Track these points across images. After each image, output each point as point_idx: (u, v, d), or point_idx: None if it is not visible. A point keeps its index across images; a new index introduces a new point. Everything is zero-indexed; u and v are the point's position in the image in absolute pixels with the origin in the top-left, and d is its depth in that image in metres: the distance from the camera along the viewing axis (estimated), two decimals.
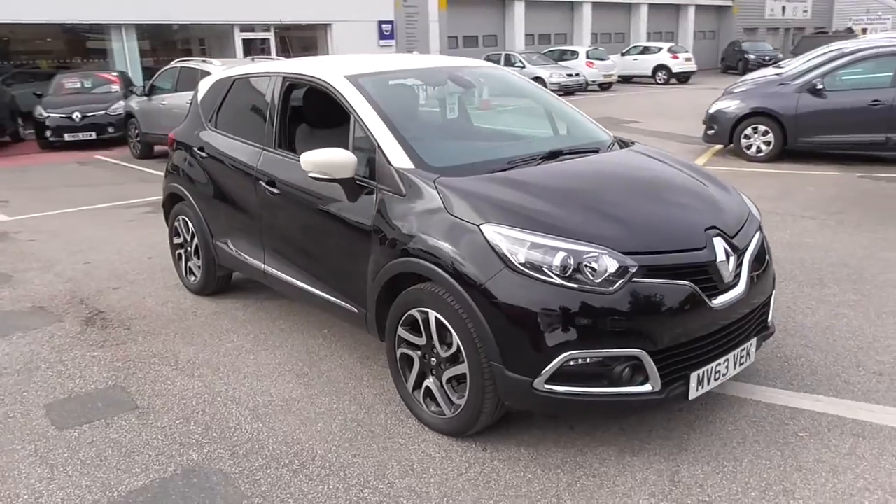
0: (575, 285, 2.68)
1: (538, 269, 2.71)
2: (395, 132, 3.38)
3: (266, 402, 3.52)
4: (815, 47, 15.24)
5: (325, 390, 3.62)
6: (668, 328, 2.75)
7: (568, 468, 2.87)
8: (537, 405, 2.86)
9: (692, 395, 2.84)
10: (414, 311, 3.13)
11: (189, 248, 5.07)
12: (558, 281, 2.68)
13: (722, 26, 39.59)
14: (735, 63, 30.99)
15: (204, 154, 4.71)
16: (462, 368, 2.96)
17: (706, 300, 2.82)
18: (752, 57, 29.72)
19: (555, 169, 3.39)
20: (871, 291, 4.73)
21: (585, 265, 2.69)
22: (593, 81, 25.36)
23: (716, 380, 2.93)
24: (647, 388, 2.74)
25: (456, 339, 2.94)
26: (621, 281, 2.68)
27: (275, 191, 3.94)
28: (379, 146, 3.35)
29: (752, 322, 3.11)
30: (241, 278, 5.22)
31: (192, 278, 5.10)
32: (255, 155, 4.21)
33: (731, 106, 9.68)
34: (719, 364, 2.92)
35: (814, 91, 9.03)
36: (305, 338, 4.29)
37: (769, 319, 3.30)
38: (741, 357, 3.04)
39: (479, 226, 2.87)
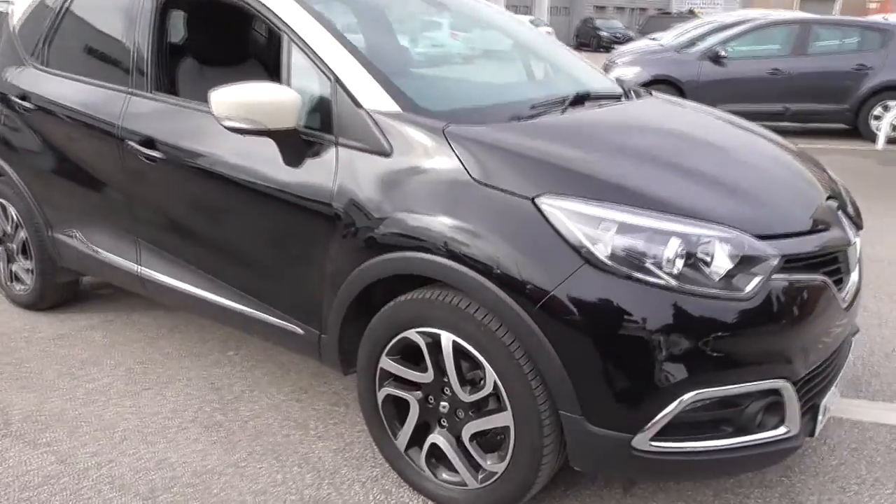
0: (697, 288, 1.73)
1: (638, 264, 1.74)
2: (365, 61, 2.23)
3: (168, 481, 2.28)
4: (662, 28, 15.92)
5: (257, 451, 2.44)
6: (808, 344, 1.89)
7: None
8: (633, 470, 1.91)
9: (818, 430, 2.01)
10: (411, 333, 2.05)
11: (12, 245, 3.56)
12: (672, 282, 1.73)
13: (574, 3, 40.94)
14: (588, 39, 31.64)
15: (30, 106, 3.20)
16: (500, 420, 1.94)
17: (839, 300, 1.99)
18: (605, 34, 30.46)
19: (603, 118, 2.41)
20: None
21: (706, 256, 1.76)
22: (458, 53, 24.66)
23: (832, 404, 2.12)
24: (781, 430, 1.86)
25: (491, 375, 1.90)
26: (759, 278, 1.77)
27: (154, 155, 2.64)
28: (339, 81, 2.19)
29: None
30: (93, 282, 3.79)
31: (20, 287, 3.59)
32: (115, 103, 2.84)
33: (631, 73, 9.25)
34: (836, 383, 2.12)
35: (716, 59, 8.83)
36: (206, 365, 3.03)
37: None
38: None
39: (532, 199, 1.84)
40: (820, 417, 1.98)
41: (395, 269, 2.04)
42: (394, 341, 2.10)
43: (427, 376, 2.06)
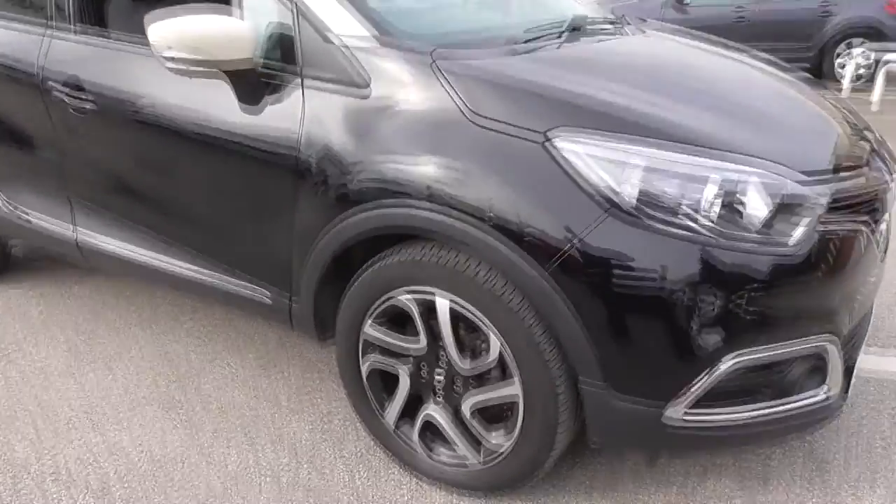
0: (737, 239, 1.50)
1: (670, 211, 1.49)
2: None
3: (122, 471, 1.99)
4: None
5: (223, 430, 2.16)
6: (851, 298, 1.69)
7: None
8: (663, 445, 1.70)
9: (850, 390, 1.83)
10: (399, 296, 1.78)
11: None
12: (710, 232, 1.49)
13: None
14: None
15: None
16: (507, 391, 1.70)
17: (877, 247, 1.79)
18: None
19: (610, 49, 2.12)
20: None
21: (745, 200, 1.52)
22: None
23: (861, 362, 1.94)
24: (822, 393, 1.67)
25: (496, 342, 1.65)
26: (805, 224, 1.55)
27: (84, 106, 2.26)
28: (301, 4, 1.86)
29: None
30: (26, 250, 3.39)
31: None
32: (33, 44, 2.43)
33: None
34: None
35: (679, 4, 8.57)
36: (158, 335, 2.71)
37: None
38: None
39: (543, 139, 1.56)
40: (853, 378, 1.80)
41: (379, 225, 1.75)
42: (379, 305, 1.83)
43: (419, 344, 1.80)
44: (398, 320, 1.86)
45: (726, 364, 1.51)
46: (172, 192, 2.21)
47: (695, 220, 1.48)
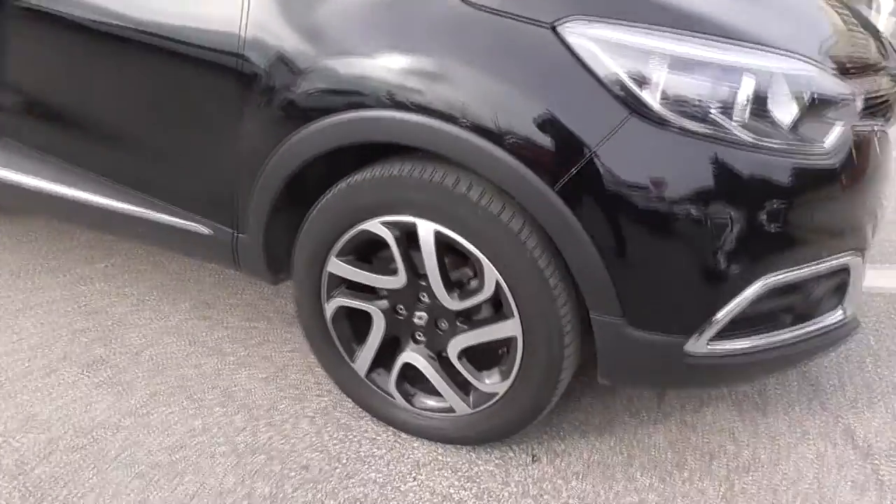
0: (774, 142, 1.30)
1: (701, 110, 1.27)
2: None
3: (42, 446, 1.67)
4: None
5: (161, 391, 1.85)
6: (874, 209, 1.54)
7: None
8: (681, 381, 1.53)
9: None
10: (372, 225, 1.51)
11: None
12: (746, 136, 1.28)
13: None
14: None
15: None
16: (503, 330, 1.48)
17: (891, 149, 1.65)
18: None
19: None
20: None
21: (777, 99, 1.31)
22: None
23: None
24: (839, 314, 1.54)
25: (491, 274, 1.42)
26: (841, 126, 1.37)
27: None
28: None
29: None
30: None
31: None
32: None
33: None
34: None
35: None
36: (71, 283, 2.33)
37: None
38: None
39: (552, 26, 1.29)
40: None
41: (347, 137, 1.46)
42: (346, 237, 1.56)
43: (396, 280, 1.55)
44: (365, 251, 1.60)
45: (755, 287, 1.33)
46: (85, 107, 1.82)
47: (728, 123, 1.27)
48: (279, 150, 1.54)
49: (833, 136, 1.35)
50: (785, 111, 1.31)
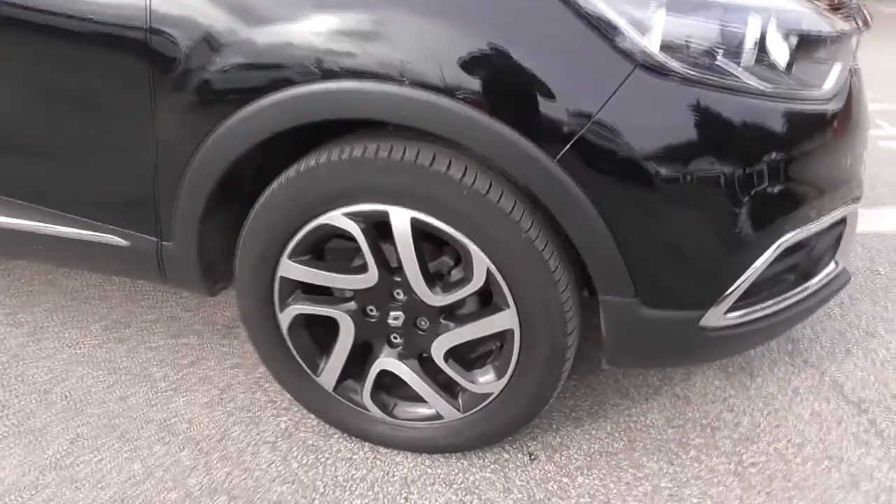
0: (781, 88, 1.18)
1: (707, 56, 1.13)
2: None
3: None
4: None
5: (84, 433, 1.56)
6: (863, 151, 1.47)
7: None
8: (693, 357, 1.42)
9: None
10: (333, 218, 1.29)
11: None
12: (755, 83, 1.15)
13: None
14: None
15: None
16: (497, 323, 1.31)
17: None
18: None
19: None
20: None
21: (775, 41, 1.19)
22: None
23: None
24: (832, 266, 1.47)
25: (481, 261, 1.24)
26: (839, 67, 1.28)
27: None
28: None
29: None
30: None
31: None
32: None
33: None
34: None
35: None
36: None
37: None
38: None
39: None
40: None
41: (304, 114, 1.22)
42: (301, 234, 1.33)
43: (366, 278, 1.33)
44: (319, 247, 1.38)
45: (772, 249, 1.22)
46: None
47: (735, 70, 1.13)
48: (206, 143, 1.29)
49: (832, 79, 1.26)
50: (781, 53, 1.20)
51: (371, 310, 1.39)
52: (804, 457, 1.50)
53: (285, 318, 1.42)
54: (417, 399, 1.44)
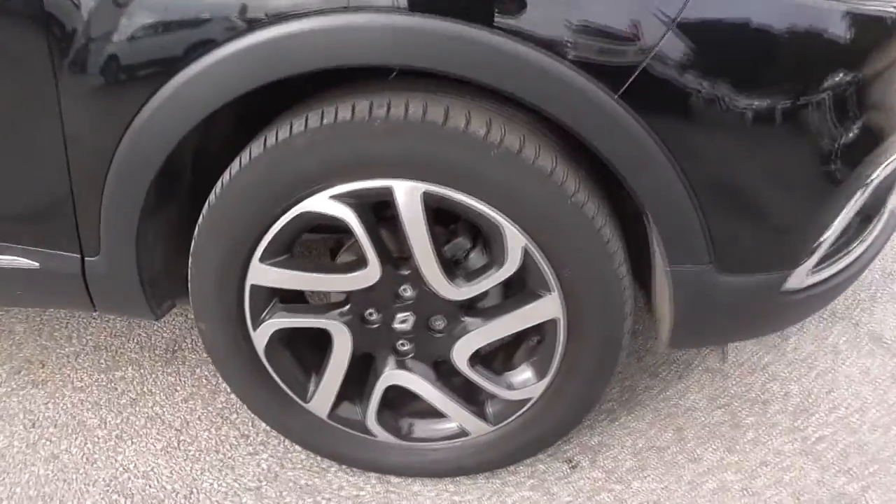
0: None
1: None
2: None
3: None
4: None
5: (19, 495, 1.21)
6: None
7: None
8: (770, 324, 1.21)
9: None
10: (318, 202, 0.99)
11: None
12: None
13: None
14: None
15: None
16: (539, 312, 1.05)
17: None
18: None
19: None
20: None
21: None
22: None
23: None
24: (886, 216, 1.29)
25: (515, 240, 0.98)
26: None
27: None
28: None
29: None
30: None
31: None
32: None
33: None
34: None
35: None
36: None
37: None
38: None
39: None
40: None
41: (277, 67, 0.91)
42: (276, 229, 1.02)
43: (367, 275, 1.05)
44: (290, 244, 1.08)
45: (861, 190, 1.02)
46: None
47: None
48: (137, 126, 0.96)
49: None
50: None
51: (371, 314, 1.10)
52: (871, 423, 1.33)
53: (261, 336, 1.12)
54: (433, 414, 1.18)
